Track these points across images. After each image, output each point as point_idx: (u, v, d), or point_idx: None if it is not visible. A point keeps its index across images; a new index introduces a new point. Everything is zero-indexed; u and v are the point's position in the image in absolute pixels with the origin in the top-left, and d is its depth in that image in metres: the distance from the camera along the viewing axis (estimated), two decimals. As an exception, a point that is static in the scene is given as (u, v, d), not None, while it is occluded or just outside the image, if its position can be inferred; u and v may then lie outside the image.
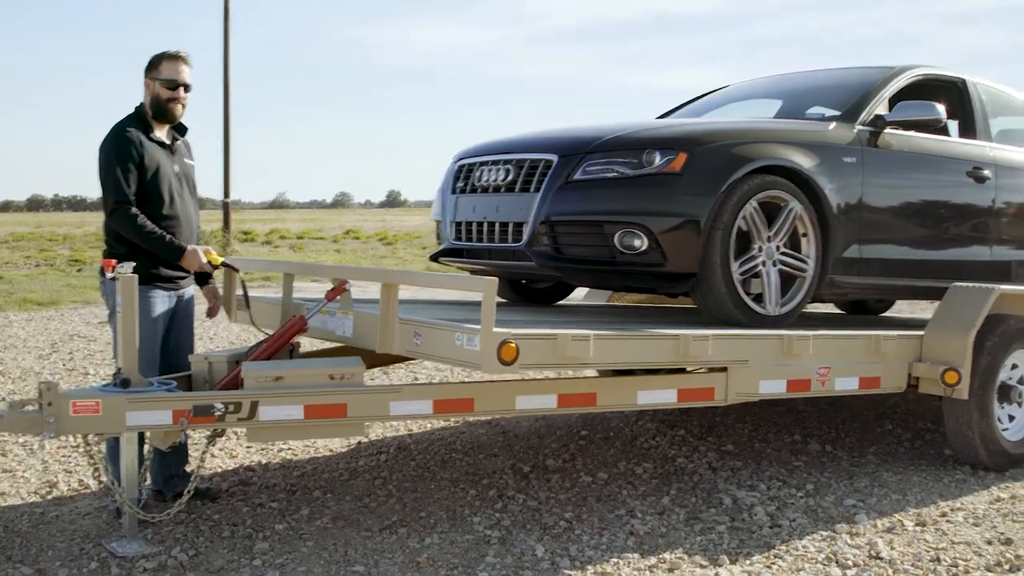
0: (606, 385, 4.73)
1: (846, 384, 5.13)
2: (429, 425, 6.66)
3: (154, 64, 4.75)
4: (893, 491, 5.10)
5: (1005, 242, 6.29)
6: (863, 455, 5.85)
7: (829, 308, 8.48)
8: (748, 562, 4.10)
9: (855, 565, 4.06)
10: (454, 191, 5.60)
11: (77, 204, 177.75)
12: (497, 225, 5.22)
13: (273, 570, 4.02)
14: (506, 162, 5.26)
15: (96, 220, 24.08)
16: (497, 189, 5.26)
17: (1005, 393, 5.59)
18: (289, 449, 5.98)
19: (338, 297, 4.71)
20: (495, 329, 3.90)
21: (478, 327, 3.91)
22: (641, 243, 4.80)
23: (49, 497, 5.06)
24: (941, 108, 5.63)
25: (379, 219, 51.47)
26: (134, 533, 4.31)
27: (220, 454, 5.80)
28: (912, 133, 5.77)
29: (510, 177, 5.19)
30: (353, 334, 4.71)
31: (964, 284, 5.63)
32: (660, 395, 4.72)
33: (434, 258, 5.93)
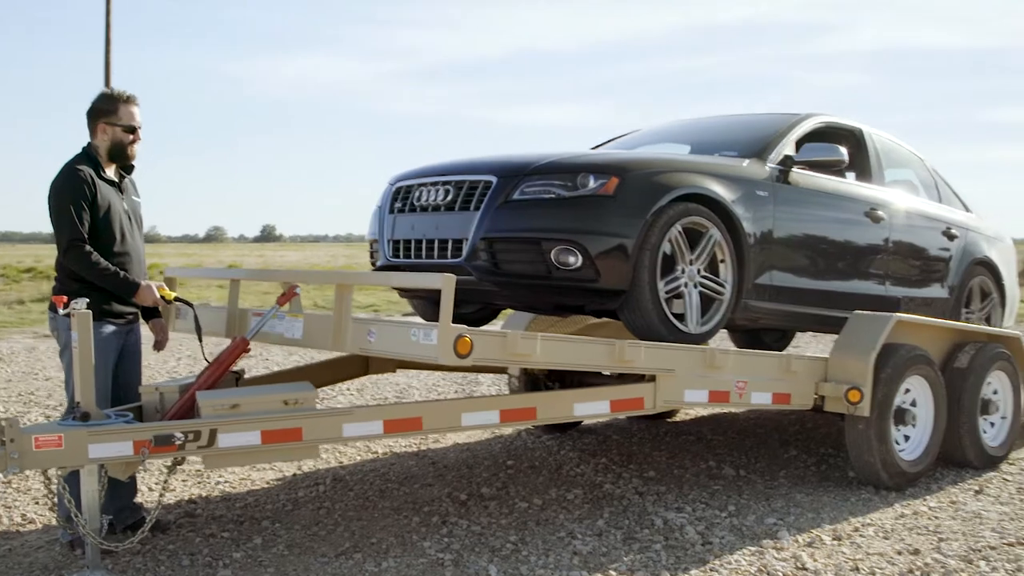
0: (544, 399, 5.07)
1: (761, 398, 5.57)
2: (359, 457, 6.85)
3: (110, 110, 4.89)
4: (808, 510, 5.50)
5: (896, 279, 6.83)
6: (775, 478, 6.26)
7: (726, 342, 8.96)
8: (688, 576, 4.43)
9: (783, 575, 4.42)
10: (391, 211, 5.84)
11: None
12: (436, 242, 5.48)
13: (242, 595, 4.18)
14: (445, 183, 5.52)
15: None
16: (436, 208, 5.52)
17: (900, 416, 6.07)
18: (226, 482, 6.10)
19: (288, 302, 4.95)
20: (452, 324, 4.20)
21: (435, 324, 4.20)
22: (576, 260, 5.11)
23: (0, 531, 5.10)
24: (844, 151, 6.15)
25: (257, 254, 50.94)
26: (97, 563, 4.41)
27: (158, 488, 5.87)
28: (817, 174, 6.26)
29: (450, 197, 5.45)
30: (303, 336, 4.93)
31: (865, 312, 6.13)
32: (594, 406, 5.08)
33: (374, 264, 6.14)
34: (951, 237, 7.37)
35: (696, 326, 5.44)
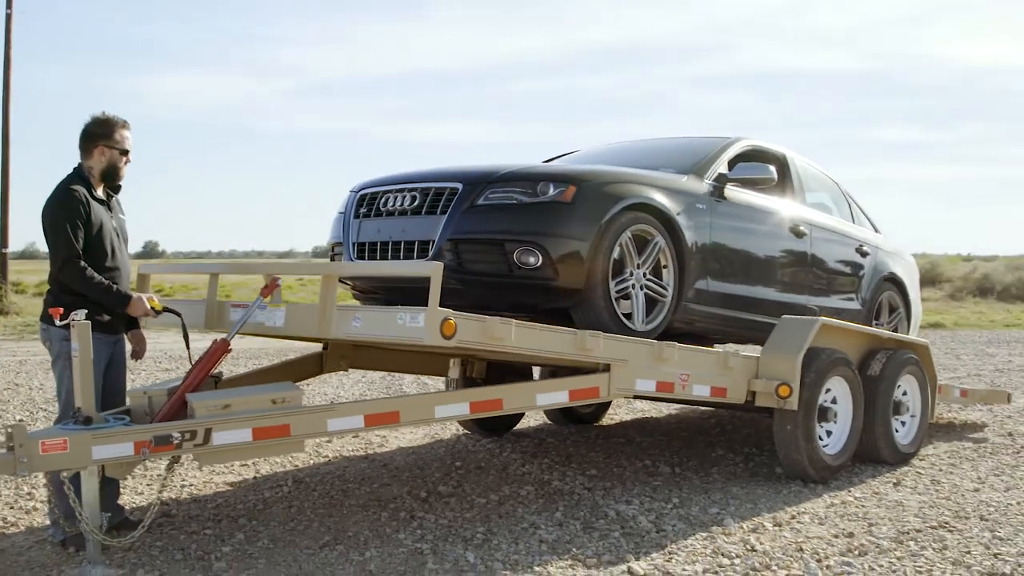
0: (510, 391, 5.43)
1: (701, 391, 6.04)
2: (312, 461, 7.10)
3: (108, 134, 5.11)
4: (745, 501, 5.97)
5: (816, 290, 7.39)
6: (708, 475, 6.73)
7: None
8: (649, 558, 4.82)
9: (737, 556, 4.86)
10: (356, 216, 6.15)
11: None
12: (403, 244, 5.81)
13: (241, 583, 4.42)
14: (411, 190, 5.87)
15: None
16: (403, 213, 5.85)
17: (823, 414, 6.60)
18: (190, 485, 6.30)
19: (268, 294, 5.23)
20: (439, 308, 4.57)
21: (422, 307, 4.56)
22: (536, 260, 5.50)
23: (-21, 535, 5.23)
24: (773, 169, 6.69)
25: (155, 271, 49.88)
26: (97, 558, 4.60)
27: (127, 491, 6.04)
28: (748, 191, 6.77)
29: (416, 202, 5.80)
30: (285, 324, 5.20)
31: (793, 316, 6.67)
32: (555, 396, 5.50)
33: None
34: (863, 254, 7.99)
35: (642, 324, 5.88)
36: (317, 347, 6.79)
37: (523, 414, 8.64)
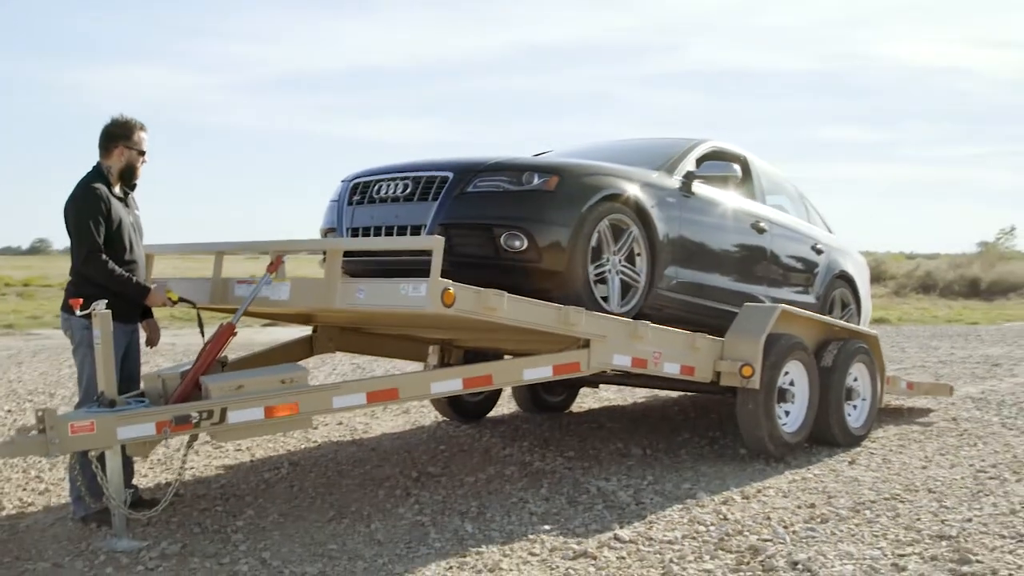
0: (499, 367, 5.90)
1: (672, 368, 6.52)
2: (302, 446, 7.49)
3: (127, 135, 5.46)
4: (714, 478, 6.46)
5: (774, 282, 7.90)
6: (678, 456, 7.22)
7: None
8: (632, 526, 5.29)
9: (712, 524, 5.34)
10: (350, 203, 6.55)
11: None
12: (396, 228, 6.21)
13: (261, 552, 4.83)
14: (404, 178, 6.27)
15: None
16: (396, 200, 6.25)
17: (782, 395, 7.12)
18: (192, 469, 6.66)
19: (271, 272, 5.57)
20: (439, 278, 4.99)
21: (425, 278, 4.98)
22: (521, 243, 5.92)
23: (3, 514, 5.57)
24: (738, 168, 7.19)
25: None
26: (123, 531, 4.97)
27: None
28: (714, 188, 7.27)
29: (409, 190, 6.20)
30: (290, 297, 5.56)
31: (755, 304, 7.20)
32: (540, 371, 5.91)
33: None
34: (818, 252, 8.52)
35: (617, 307, 6.33)
36: (307, 331, 7.19)
37: (496, 401, 9.07)
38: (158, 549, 4.82)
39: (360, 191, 6.52)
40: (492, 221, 5.97)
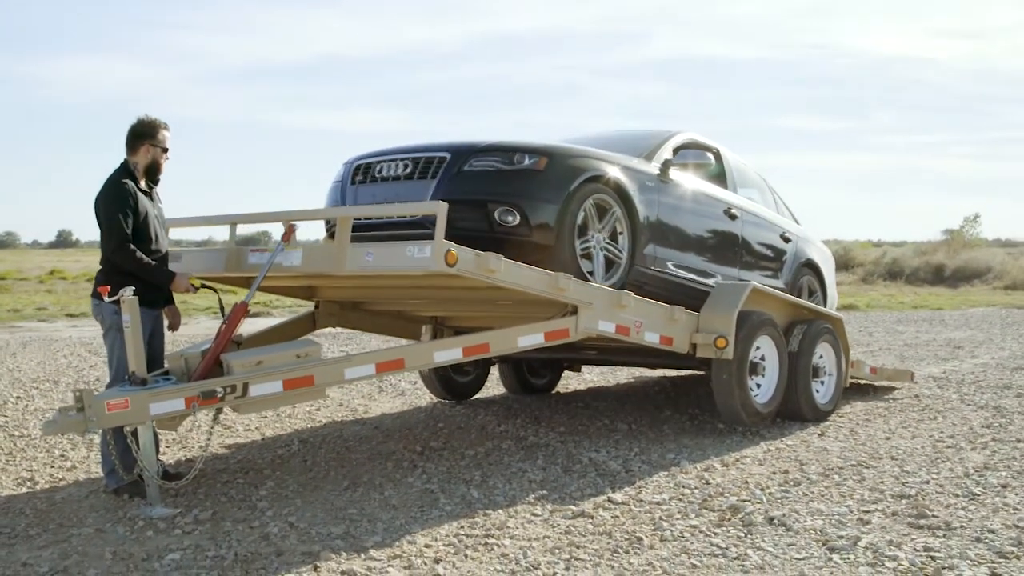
0: (495, 336, 6.35)
1: (652, 337, 7.04)
2: (308, 425, 7.98)
3: (151, 133, 5.90)
4: (696, 449, 7.00)
5: (746, 266, 8.45)
6: (661, 430, 7.75)
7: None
8: (623, 491, 5.81)
9: (696, 487, 5.87)
10: (353, 183, 7.00)
11: None
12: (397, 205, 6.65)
13: (287, 517, 5.30)
14: (404, 159, 6.75)
15: None
16: (397, 179, 6.72)
17: (754, 368, 7.68)
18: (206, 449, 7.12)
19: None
20: (443, 240, 5.47)
21: (429, 240, 5.45)
22: (514, 218, 6.40)
23: (38, 488, 6.01)
24: (712, 157, 7.73)
25: (74, 259, 49.71)
26: (157, 499, 5.44)
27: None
28: (690, 176, 7.80)
29: (409, 169, 6.68)
30: (302, 263, 5.99)
31: (728, 281, 7.77)
32: (533, 338, 6.40)
33: (333, 235, 7.24)
34: (786, 240, 9.08)
35: (602, 280, 6.82)
36: (310, 307, 7.70)
37: (484, 382, 9.58)
38: (191, 515, 5.28)
39: (363, 171, 6.98)
40: (487, 197, 6.44)
